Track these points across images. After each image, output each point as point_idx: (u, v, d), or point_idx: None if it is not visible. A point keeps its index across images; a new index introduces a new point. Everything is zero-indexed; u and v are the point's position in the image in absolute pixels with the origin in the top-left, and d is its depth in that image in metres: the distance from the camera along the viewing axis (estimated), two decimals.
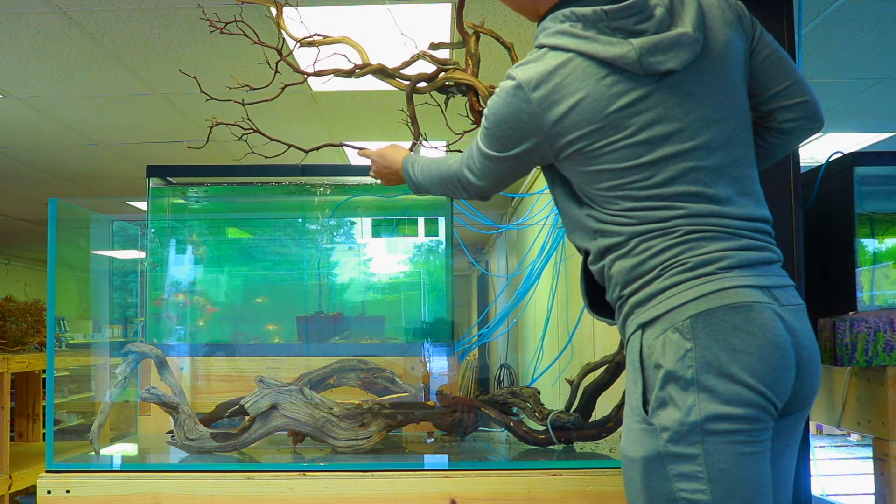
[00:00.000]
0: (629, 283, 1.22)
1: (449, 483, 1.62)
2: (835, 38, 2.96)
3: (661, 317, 1.16)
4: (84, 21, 2.79)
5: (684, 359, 1.13)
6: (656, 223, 1.19)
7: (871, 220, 1.91)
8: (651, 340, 1.17)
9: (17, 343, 3.76)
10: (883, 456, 1.72)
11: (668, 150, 1.18)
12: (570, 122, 1.19)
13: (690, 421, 1.11)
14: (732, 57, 1.22)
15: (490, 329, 3.72)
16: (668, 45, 1.16)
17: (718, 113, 1.21)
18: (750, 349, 1.12)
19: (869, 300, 1.85)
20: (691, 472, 1.12)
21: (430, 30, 2.88)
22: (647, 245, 1.19)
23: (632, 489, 1.21)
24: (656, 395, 1.15)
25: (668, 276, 1.17)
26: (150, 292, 2.43)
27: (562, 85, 1.18)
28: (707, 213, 1.19)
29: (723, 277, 1.15)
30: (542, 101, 1.20)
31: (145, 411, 2.19)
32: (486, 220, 2.91)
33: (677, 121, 1.18)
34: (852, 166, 1.80)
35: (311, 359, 2.19)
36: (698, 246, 1.17)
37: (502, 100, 1.25)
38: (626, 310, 1.24)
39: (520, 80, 1.22)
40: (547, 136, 1.22)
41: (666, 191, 1.18)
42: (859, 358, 1.70)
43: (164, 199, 2.49)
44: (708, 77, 1.20)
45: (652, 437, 1.15)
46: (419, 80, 1.72)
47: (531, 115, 1.21)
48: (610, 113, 1.17)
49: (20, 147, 4.65)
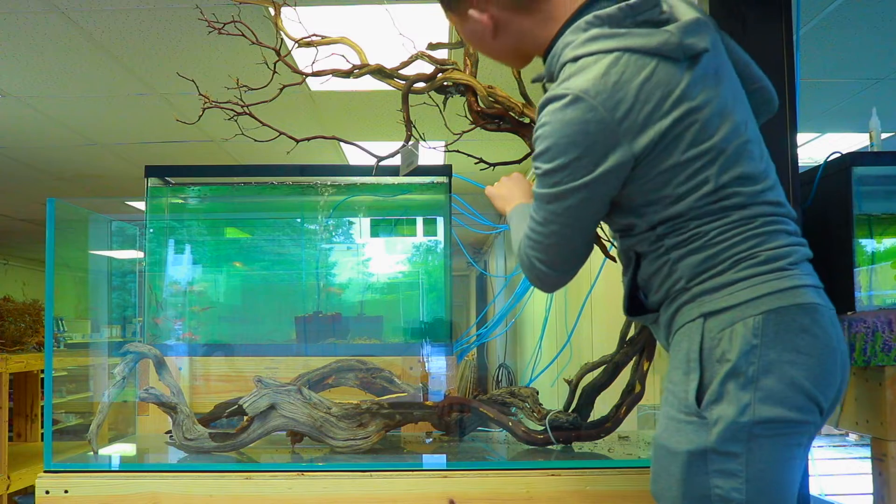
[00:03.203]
0: (697, 275, 1.18)
1: (447, 483, 1.62)
2: (834, 37, 2.96)
3: (731, 308, 1.14)
4: (83, 21, 2.78)
5: (749, 355, 1.11)
6: (735, 211, 1.16)
7: (869, 220, 1.91)
8: (715, 332, 1.14)
9: (16, 343, 3.76)
10: (881, 456, 1.72)
11: (728, 127, 1.17)
12: (643, 115, 1.12)
13: (743, 420, 1.10)
14: (721, 43, 1.25)
15: (488, 329, 3.71)
16: (694, 27, 1.16)
17: (738, 92, 1.23)
18: (812, 352, 1.11)
19: (867, 300, 1.85)
20: (731, 469, 1.11)
21: (429, 30, 2.88)
22: (725, 237, 1.16)
23: (664, 479, 1.18)
24: (714, 389, 1.12)
25: (741, 269, 1.15)
26: (148, 292, 2.43)
27: (622, 82, 1.12)
28: (771, 200, 1.18)
29: (793, 274, 1.15)
30: (608, 103, 1.11)
31: (144, 411, 2.19)
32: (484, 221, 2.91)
33: (720, 97, 1.17)
34: (850, 166, 1.80)
35: (310, 359, 2.19)
36: (771, 239, 1.16)
37: (560, 119, 1.13)
38: (686, 297, 1.19)
39: (575, 93, 1.12)
40: (624, 142, 1.13)
41: (733, 174, 1.16)
42: (858, 358, 1.70)
43: (163, 199, 2.49)
44: (722, 57, 1.22)
45: (701, 431, 1.13)
46: (417, 80, 1.72)
47: (601, 124, 1.11)
48: (675, 99, 1.13)
49: (19, 147, 4.64)
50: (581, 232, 1.23)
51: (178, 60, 3.18)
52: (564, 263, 1.26)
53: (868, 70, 3.33)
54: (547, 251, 1.24)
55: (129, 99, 3.71)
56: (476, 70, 1.72)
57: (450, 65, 1.71)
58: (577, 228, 1.22)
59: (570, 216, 1.19)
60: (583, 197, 1.17)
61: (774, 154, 1.50)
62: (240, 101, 1.79)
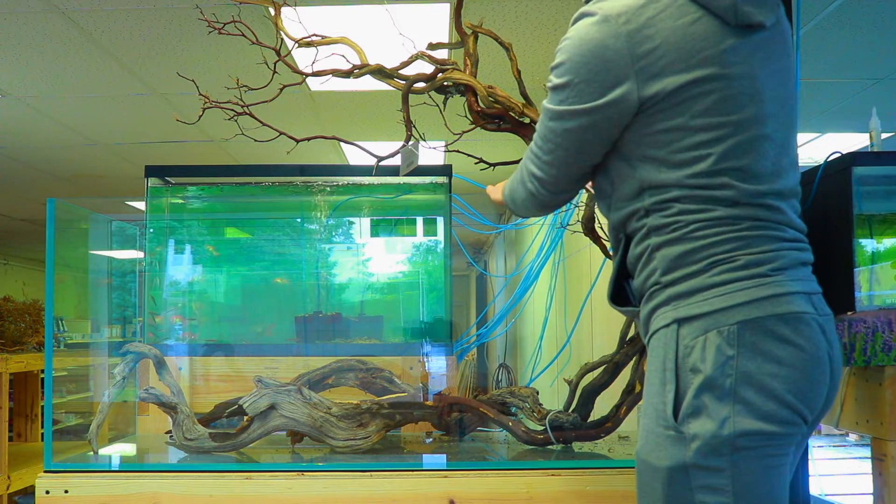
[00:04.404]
0: (672, 270, 1.13)
1: (447, 483, 1.62)
2: (834, 37, 2.96)
3: (705, 315, 1.09)
4: (83, 21, 2.78)
5: (724, 366, 1.06)
6: (723, 207, 1.11)
7: (869, 220, 1.91)
8: (689, 340, 1.09)
9: (16, 343, 3.76)
10: (881, 456, 1.72)
11: (752, 111, 1.10)
12: (664, 61, 1.07)
13: (723, 434, 1.06)
14: (788, 36, 1.19)
15: (488, 329, 3.72)
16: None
17: (784, 87, 1.16)
18: (795, 363, 1.07)
19: (867, 300, 1.85)
20: (716, 484, 1.07)
21: (429, 30, 2.88)
22: (705, 234, 1.11)
23: (648, 494, 1.15)
24: (689, 402, 1.08)
25: (716, 273, 1.10)
26: (148, 292, 2.43)
27: (655, 19, 1.07)
28: (769, 205, 1.12)
29: (774, 282, 1.09)
30: (634, 36, 1.07)
31: (144, 411, 2.19)
32: (484, 220, 2.91)
33: (757, 79, 1.11)
34: (851, 166, 1.80)
35: (310, 359, 2.19)
36: (754, 244, 1.10)
37: (582, 36, 1.10)
38: (661, 299, 1.15)
39: (606, 13, 1.08)
40: (638, 78, 1.08)
41: (736, 163, 1.10)
42: (858, 358, 1.70)
43: (163, 199, 2.49)
44: (780, 49, 1.16)
45: (679, 446, 1.09)
46: (417, 80, 1.72)
47: (618, 53, 1.07)
48: (707, 56, 1.07)
49: (18, 147, 4.64)
50: (577, 158, 1.20)
51: (178, 60, 3.18)
52: (555, 184, 1.25)
53: (868, 70, 3.33)
54: (543, 168, 1.24)
55: (129, 99, 3.71)
56: (476, 70, 1.72)
57: (450, 65, 1.71)
58: (573, 153, 1.19)
59: (568, 139, 1.18)
60: (583, 124, 1.14)
61: None
62: (240, 101, 1.79)
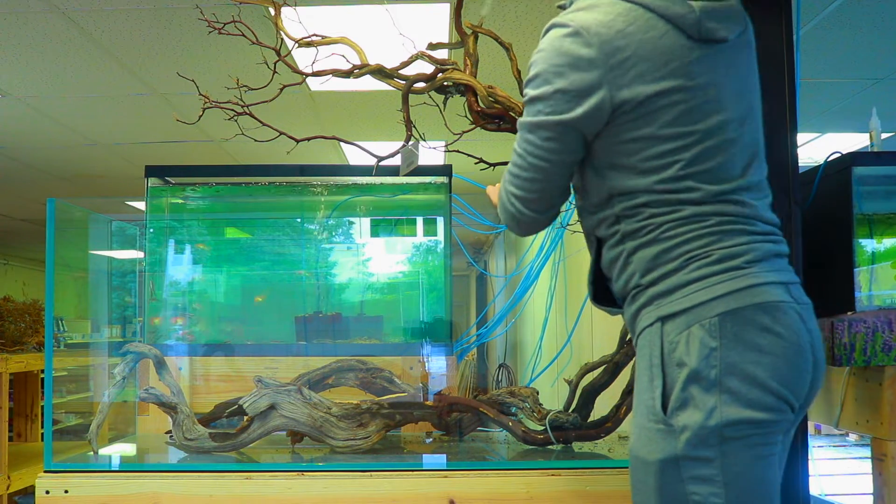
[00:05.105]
0: (650, 271, 1.17)
1: (447, 483, 1.62)
2: (833, 37, 2.96)
3: (687, 311, 1.12)
4: (83, 21, 2.78)
5: (709, 358, 1.09)
6: (690, 206, 1.15)
7: (869, 220, 1.91)
8: (673, 336, 1.13)
9: (16, 343, 3.76)
10: (881, 456, 1.72)
11: (717, 119, 1.15)
12: (635, 71, 1.12)
13: (711, 424, 1.08)
14: (752, 42, 1.24)
15: (488, 329, 3.71)
16: (723, 14, 1.15)
17: (748, 91, 1.22)
18: (776, 351, 1.10)
19: (867, 300, 1.85)
20: (707, 475, 1.09)
21: (429, 30, 2.88)
22: (676, 232, 1.15)
23: (642, 491, 1.16)
24: (677, 395, 1.11)
25: (693, 269, 1.14)
26: (149, 292, 2.43)
27: (626, 32, 1.12)
28: (735, 200, 1.16)
29: (749, 273, 1.12)
30: (605, 46, 1.11)
31: (144, 411, 2.19)
32: (484, 221, 2.91)
33: (721, 88, 1.16)
34: (851, 166, 1.80)
35: (310, 359, 2.19)
36: (725, 238, 1.14)
37: (556, 48, 1.14)
38: (643, 300, 1.19)
39: (577, 27, 1.13)
40: (611, 87, 1.12)
41: (702, 167, 1.15)
42: (857, 358, 1.70)
43: (163, 199, 2.49)
44: (744, 54, 1.21)
45: (669, 438, 1.11)
46: (417, 80, 1.72)
47: (592, 63, 1.12)
48: (673, 69, 1.12)
49: (18, 147, 4.64)
50: (558, 169, 1.22)
51: (178, 60, 3.18)
52: (539, 202, 1.27)
53: (868, 70, 3.33)
54: (523, 186, 1.25)
55: (129, 99, 3.71)
56: (476, 70, 1.72)
57: (450, 65, 1.71)
58: (554, 164, 1.21)
59: (547, 151, 1.20)
60: (561, 133, 1.17)
61: (774, 154, 1.50)
62: (240, 101, 1.79)
